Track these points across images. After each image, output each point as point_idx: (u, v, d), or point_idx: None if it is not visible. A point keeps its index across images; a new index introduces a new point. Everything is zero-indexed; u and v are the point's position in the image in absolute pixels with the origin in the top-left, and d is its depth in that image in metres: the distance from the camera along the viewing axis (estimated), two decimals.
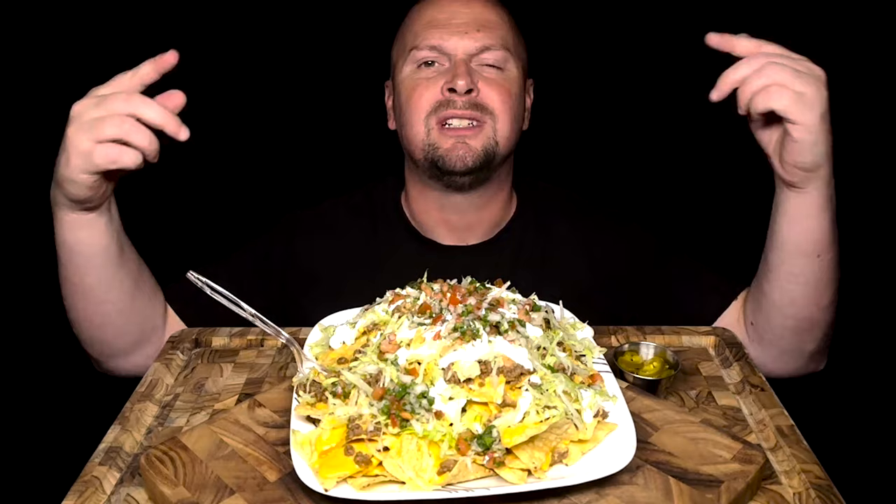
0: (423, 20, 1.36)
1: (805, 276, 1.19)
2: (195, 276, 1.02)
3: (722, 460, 0.89)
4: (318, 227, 1.49)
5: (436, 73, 1.34)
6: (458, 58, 1.32)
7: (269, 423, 0.98)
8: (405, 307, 1.00)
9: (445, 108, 1.31)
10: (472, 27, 1.33)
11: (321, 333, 1.10)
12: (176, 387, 1.16)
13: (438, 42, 1.33)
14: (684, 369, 1.18)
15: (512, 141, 1.37)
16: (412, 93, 1.34)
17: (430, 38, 1.33)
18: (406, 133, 1.37)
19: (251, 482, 0.87)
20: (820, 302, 1.22)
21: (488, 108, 1.32)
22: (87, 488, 0.90)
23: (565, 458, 0.86)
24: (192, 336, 1.29)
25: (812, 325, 1.24)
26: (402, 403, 0.85)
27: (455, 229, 1.44)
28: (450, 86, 1.30)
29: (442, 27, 1.33)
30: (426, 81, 1.33)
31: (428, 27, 1.34)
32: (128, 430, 1.02)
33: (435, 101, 1.32)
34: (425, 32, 1.34)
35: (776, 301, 1.23)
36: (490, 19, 1.35)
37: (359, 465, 0.83)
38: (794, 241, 1.17)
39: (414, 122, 1.34)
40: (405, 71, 1.37)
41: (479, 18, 1.34)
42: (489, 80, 1.33)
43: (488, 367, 0.88)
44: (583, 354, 1.02)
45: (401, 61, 1.39)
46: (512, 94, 1.35)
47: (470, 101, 1.31)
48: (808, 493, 0.88)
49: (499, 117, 1.33)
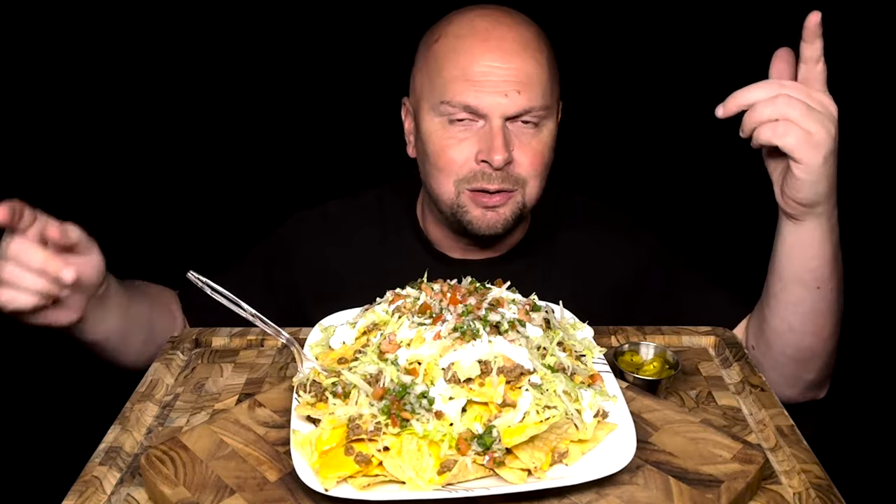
0: (456, 68, 1.23)
1: (804, 305, 1.19)
2: (195, 276, 1.02)
3: (722, 460, 0.89)
4: (326, 230, 1.47)
5: (468, 134, 1.24)
6: (493, 124, 1.22)
7: (269, 423, 0.98)
8: (405, 307, 1.00)
9: (478, 179, 1.25)
10: (511, 87, 1.21)
11: (321, 333, 1.10)
12: (176, 387, 1.16)
13: (475, 103, 1.21)
14: (684, 369, 1.18)
15: (539, 195, 1.32)
16: (442, 153, 1.26)
17: (463, 96, 1.22)
18: (433, 186, 1.31)
19: (251, 482, 0.87)
20: (820, 333, 1.21)
21: (521, 179, 1.26)
22: (88, 488, 0.90)
23: (565, 457, 0.86)
24: (192, 336, 1.29)
25: (812, 354, 1.24)
26: (403, 403, 0.85)
27: (468, 251, 1.43)
28: (484, 157, 1.23)
29: (477, 84, 1.21)
30: (458, 143, 1.25)
31: (460, 81, 1.22)
32: (128, 430, 1.02)
33: (469, 169, 1.25)
34: (458, 87, 1.22)
35: (776, 328, 1.23)
36: (531, 75, 1.22)
37: (359, 464, 0.83)
38: (793, 271, 1.17)
39: (443, 183, 1.28)
40: (433, 122, 1.27)
41: (520, 75, 1.21)
42: (524, 145, 1.25)
43: (488, 367, 0.88)
44: (583, 354, 1.02)
45: (426, 104, 1.28)
46: (545, 154, 1.28)
47: (504, 173, 1.24)
48: (807, 492, 0.88)
49: (529, 183, 1.28)
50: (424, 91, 1.29)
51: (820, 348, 1.23)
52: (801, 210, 1.10)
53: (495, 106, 1.21)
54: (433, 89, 1.26)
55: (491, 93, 1.21)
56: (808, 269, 1.16)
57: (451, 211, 1.30)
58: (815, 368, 1.26)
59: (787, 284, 1.18)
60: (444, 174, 1.28)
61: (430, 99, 1.27)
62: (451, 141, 1.26)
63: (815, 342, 1.22)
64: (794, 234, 1.14)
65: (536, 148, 1.27)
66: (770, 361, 1.26)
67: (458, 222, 1.31)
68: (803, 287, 1.17)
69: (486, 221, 1.28)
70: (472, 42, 1.23)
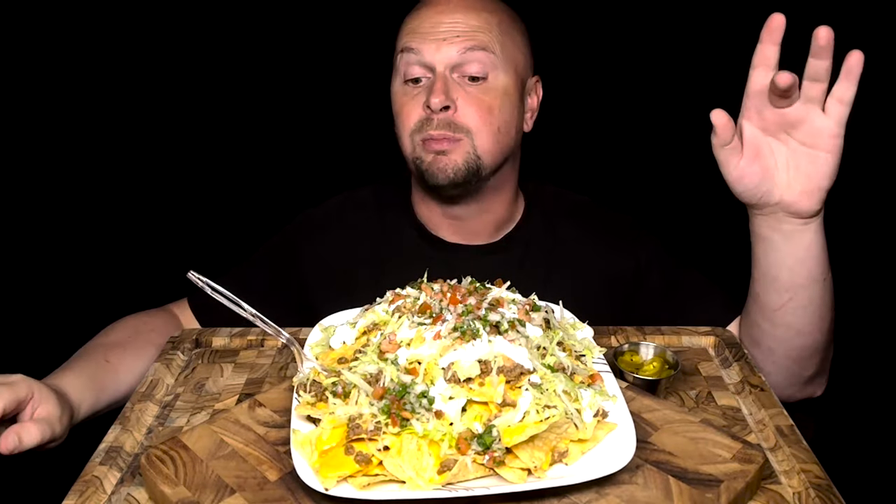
0: (408, 27, 1.35)
1: (814, 303, 1.17)
2: (195, 276, 1.02)
3: (721, 460, 0.89)
4: (330, 226, 1.50)
5: (420, 90, 1.33)
6: (437, 71, 1.30)
7: (269, 422, 0.98)
8: (405, 307, 1.00)
9: (424, 128, 1.31)
10: (451, 34, 1.30)
11: (321, 333, 1.10)
12: (176, 387, 1.16)
13: (418, 46, 1.31)
14: (684, 369, 1.18)
15: (499, 152, 1.34)
16: (400, 109, 1.35)
17: (411, 43, 1.32)
18: (401, 148, 1.38)
19: (251, 482, 0.87)
20: (824, 326, 1.21)
21: (464, 127, 1.30)
22: (88, 488, 0.90)
23: (565, 457, 0.86)
24: (192, 336, 1.29)
25: (814, 350, 1.23)
26: (403, 403, 0.86)
27: (459, 231, 1.44)
28: (427, 103, 1.29)
29: (423, 34, 1.32)
30: (411, 99, 1.33)
31: (409, 33, 1.33)
32: (128, 430, 1.02)
33: (418, 118, 1.32)
34: (408, 37, 1.33)
35: (779, 336, 1.21)
36: (473, 24, 1.31)
37: (359, 464, 0.83)
38: (808, 272, 1.14)
39: (402, 138, 1.36)
40: (395, 83, 1.37)
41: (462, 26, 1.31)
42: (469, 95, 1.30)
43: (488, 367, 0.88)
44: (583, 354, 1.02)
45: (394, 70, 1.38)
46: (495, 106, 1.31)
47: (446, 119, 1.29)
48: (807, 492, 0.89)
49: (476, 134, 1.30)
50: (394, 59, 1.38)
51: (822, 343, 1.23)
52: (823, 198, 1.08)
53: (437, 54, 1.30)
54: (395, 52, 1.37)
55: (432, 41, 1.30)
56: (820, 263, 1.14)
57: (415, 167, 1.35)
58: (813, 364, 1.25)
59: (797, 291, 1.16)
60: (403, 130, 1.35)
61: (394, 61, 1.37)
62: (405, 98, 1.34)
63: (819, 336, 1.22)
64: (807, 237, 1.12)
65: (482, 99, 1.31)
66: (771, 367, 1.25)
67: (420, 176, 1.36)
68: (815, 283, 1.16)
69: (437, 166, 1.31)
70: (426, 6, 1.35)
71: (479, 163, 1.32)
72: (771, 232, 1.14)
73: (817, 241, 1.13)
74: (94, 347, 1.28)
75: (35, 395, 1.03)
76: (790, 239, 1.12)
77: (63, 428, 1.06)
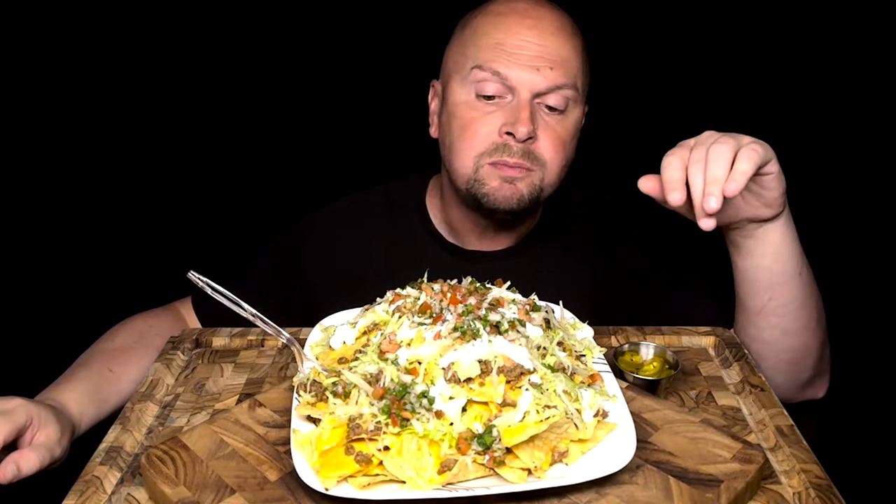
0: (489, 38, 1.25)
1: (795, 299, 1.18)
2: (196, 276, 1.02)
3: (722, 460, 0.89)
4: (338, 227, 1.48)
5: (495, 108, 1.26)
6: (522, 97, 1.23)
7: (269, 422, 0.98)
8: (405, 307, 1.00)
9: (500, 152, 1.25)
10: (544, 63, 1.23)
11: (321, 333, 1.10)
12: (176, 387, 1.16)
13: (505, 71, 1.23)
14: (684, 369, 1.18)
15: (559, 184, 1.33)
16: (467, 125, 1.27)
17: (495, 62, 1.23)
18: (452, 161, 1.32)
19: (252, 482, 0.87)
20: (811, 324, 1.21)
21: (541, 160, 1.27)
22: (88, 488, 0.90)
23: (565, 457, 0.86)
24: (192, 336, 1.29)
25: (806, 351, 1.24)
26: (403, 403, 0.86)
27: (483, 239, 1.43)
28: (509, 129, 1.23)
29: (511, 55, 1.23)
30: (483, 116, 1.26)
31: (495, 48, 1.24)
32: (128, 430, 1.02)
33: (491, 142, 1.25)
34: (492, 53, 1.24)
35: (768, 339, 1.22)
36: (564, 55, 1.25)
37: (359, 464, 0.83)
38: (782, 270, 1.16)
39: (464, 157, 1.28)
40: (461, 93, 1.28)
41: (553, 54, 1.24)
42: (548, 127, 1.26)
43: (488, 367, 0.88)
44: (583, 354, 1.02)
45: (457, 75, 1.30)
46: (567, 142, 1.29)
47: (525, 148, 1.25)
48: (807, 492, 0.88)
49: (549, 168, 1.28)
50: (458, 63, 1.30)
51: (811, 341, 1.23)
52: (779, 204, 1.10)
53: (525, 80, 1.23)
54: (466, 59, 1.28)
55: (523, 66, 1.23)
56: (794, 258, 1.16)
57: (468, 186, 1.30)
58: (808, 366, 1.26)
59: (776, 289, 1.17)
60: (466, 146, 1.28)
61: (462, 69, 1.29)
62: (477, 114, 1.27)
63: (808, 335, 1.22)
64: (776, 235, 1.13)
65: (560, 133, 1.28)
66: (767, 370, 1.25)
67: (473, 197, 1.30)
68: (791, 281, 1.17)
69: (502, 193, 1.27)
70: (512, 18, 1.26)
71: (541, 194, 1.31)
72: (742, 239, 1.16)
73: (787, 235, 1.14)
74: (97, 354, 1.27)
75: (34, 421, 1.02)
76: (760, 240, 1.14)
77: (63, 449, 1.06)
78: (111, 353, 1.27)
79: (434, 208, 1.47)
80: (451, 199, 1.41)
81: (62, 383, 1.17)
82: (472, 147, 1.27)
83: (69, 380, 1.18)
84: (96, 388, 1.19)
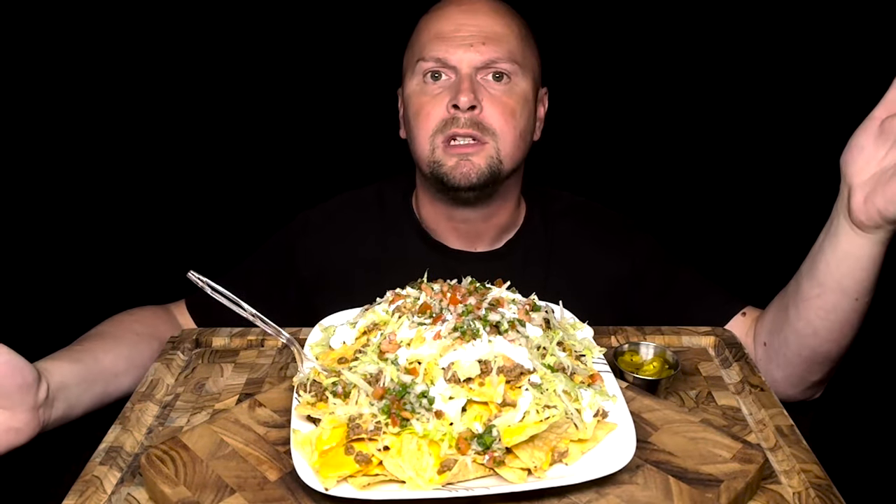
0: (430, 32, 1.34)
1: (836, 314, 1.17)
2: (195, 276, 1.02)
3: (721, 460, 0.89)
4: (329, 228, 1.49)
5: (441, 89, 1.32)
6: (462, 72, 1.30)
7: (269, 422, 0.98)
8: (405, 307, 1.00)
9: (450, 126, 1.30)
10: (477, 39, 1.30)
11: (321, 333, 1.10)
12: (176, 387, 1.16)
13: (444, 55, 1.31)
14: (684, 369, 1.18)
15: (518, 157, 1.36)
16: (419, 109, 1.33)
17: (435, 51, 1.31)
18: (413, 148, 1.37)
19: (252, 482, 0.87)
20: (841, 341, 1.21)
21: (490, 129, 1.30)
22: (88, 488, 0.90)
23: (565, 457, 0.86)
24: (192, 336, 1.29)
25: (825, 359, 1.24)
26: (403, 403, 0.86)
27: (463, 236, 1.44)
28: (454, 102, 1.29)
29: (447, 39, 1.31)
30: (432, 98, 1.32)
31: (434, 39, 1.33)
32: (128, 430, 1.02)
33: (440, 118, 1.31)
34: (431, 44, 1.32)
35: (800, 330, 1.21)
36: (497, 31, 1.33)
37: (359, 464, 0.83)
38: (838, 280, 1.14)
39: (420, 139, 1.34)
40: (412, 84, 1.36)
41: (486, 30, 1.32)
42: (493, 97, 1.31)
43: (488, 367, 0.88)
44: (583, 354, 1.02)
45: (409, 72, 1.37)
46: (517, 111, 1.33)
47: (472, 118, 1.29)
48: (807, 492, 0.89)
49: (501, 137, 1.31)
50: (408, 62, 1.39)
51: (835, 354, 1.22)
52: (883, 223, 1.07)
53: (463, 58, 1.30)
54: (413, 54, 1.37)
55: (458, 45, 1.31)
56: (854, 280, 1.13)
57: (430, 170, 1.33)
58: (822, 371, 1.25)
59: (825, 291, 1.16)
60: (422, 129, 1.33)
61: (411, 64, 1.37)
62: (426, 97, 1.33)
63: (833, 349, 1.21)
64: (854, 244, 1.11)
65: (506, 101, 1.32)
66: (781, 360, 1.25)
67: (437, 181, 1.33)
68: (843, 296, 1.15)
69: (459, 170, 1.30)
70: (448, 9, 1.36)
71: (501, 167, 1.32)
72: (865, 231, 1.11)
73: (860, 254, 1.11)
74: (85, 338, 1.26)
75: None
76: (835, 236, 1.13)
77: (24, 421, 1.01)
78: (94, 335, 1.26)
79: (418, 209, 1.49)
80: (424, 195, 1.45)
81: None
82: (426, 128, 1.33)
83: None
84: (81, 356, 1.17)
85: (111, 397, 1.20)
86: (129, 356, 1.24)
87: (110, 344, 1.24)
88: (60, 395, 1.08)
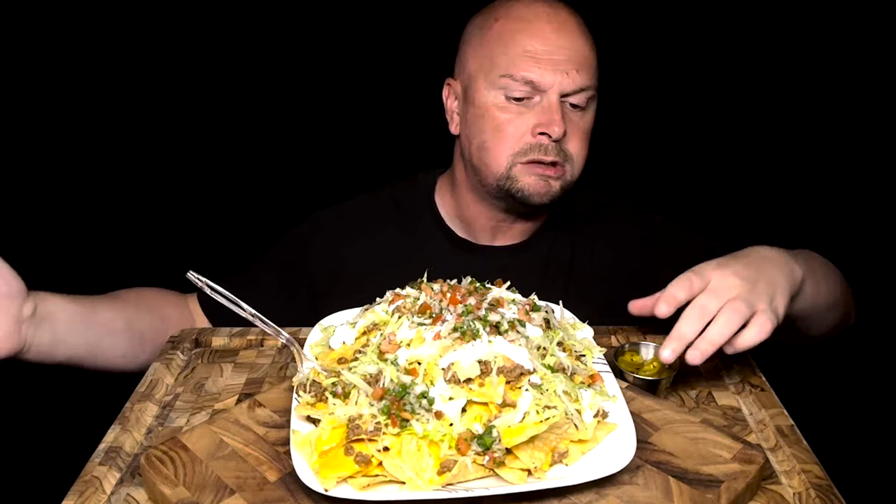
0: (518, 46, 1.29)
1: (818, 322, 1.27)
2: (195, 276, 1.02)
3: (722, 460, 0.89)
4: (345, 226, 1.49)
5: (526, 110, 1.30)
6: (552, 99, 1.28)
7: (269, 423, 0.98)
8: (405, 307, 1.00)
9: (535, 151, 1.29)
10: (571, 66, 1.28)
11: (321, 333, 1.10)
12: (176, 387, 1.16)
13: (538, 79, 1.27)
14: (684, 369, 1.18)
15: (579, 176, 1.38)
16: (501, 125, 1.31)
17: (526, 71, 1.27)
18: (484, 158, 1.34)
19: (251, 482, 0.87)
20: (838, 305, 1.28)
21: (570, 156, 1.32)
22: (88, 488, 0.90)
23: (565, 457, 0.86)
24: (192, 336, 1.29)
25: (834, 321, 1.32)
26: (402, 403, 0.85)
27: (495, 231, 1.45)
28: (543, 130, 1.28)
29: (540, 61, 1.28)
30: (517, 117, 1.30)
31: (524, 57, 1.28)
32: (128, 430, 1.02)
33: (525, 142, 1.30)
34: (521, 62, 1.28)
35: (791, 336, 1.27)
36: (586, 56, 1.31)
37: (359, 465, 0.83)
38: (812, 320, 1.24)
39: (497, 154, 1.32)
40: (490, 96, 1.32)
41: (578, 55, 1.29)
42: (575, 124, 1.31)
43: (488, 367, 0.88)
44: (583, 354, 1.02)
45: (484, 79, 1.33)
46: (587, 136, 1.35)
47: (559, 146, 1.30)
48: (808, 492, 0.88)
49: (576, 162, 1.34)
50: (483, 68, 1.33)
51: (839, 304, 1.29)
52: None
53: (555, 83, 1.28)
54: (494, 66, 1.31)
55: (553, 70, 1.28)
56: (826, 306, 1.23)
57: (499, 183, 1.34)
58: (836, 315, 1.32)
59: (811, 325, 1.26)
60: (500, 146, 1.32)
61: (490, 75, 1.32)
62: (509, 115, 1.31)
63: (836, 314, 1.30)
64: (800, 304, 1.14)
65: (584, 129, 1.34)
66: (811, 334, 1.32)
67: (505, 192, 1.34)
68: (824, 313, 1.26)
69: (537, 189, 1.32)
70: (537, 24, 1.30)
71: (570, 187, 1.36)
72: None
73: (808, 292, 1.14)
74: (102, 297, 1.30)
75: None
76: None
77: None
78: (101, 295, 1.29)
79: (445, 205, 1.49)
80: (466, 193, 1.44)
81: None
82: (507, 147, 1.31)
83: None
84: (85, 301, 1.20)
85: (103, 357, 1.22)
86: (129, 319, 1.27)
87: (113, 302, 1.27)
88: (47, 323, 1.11)
